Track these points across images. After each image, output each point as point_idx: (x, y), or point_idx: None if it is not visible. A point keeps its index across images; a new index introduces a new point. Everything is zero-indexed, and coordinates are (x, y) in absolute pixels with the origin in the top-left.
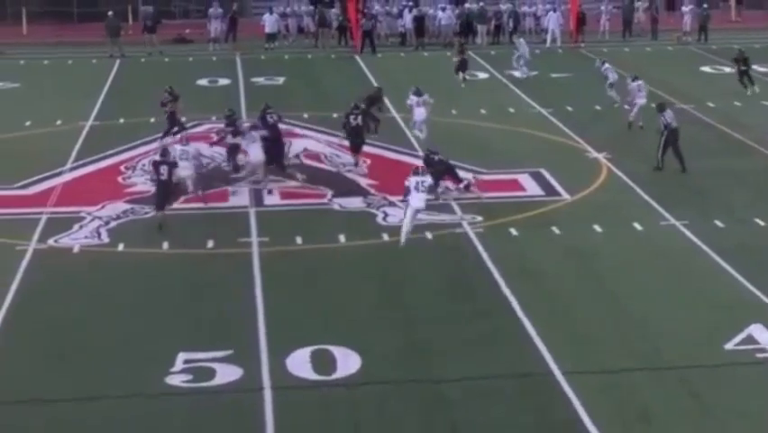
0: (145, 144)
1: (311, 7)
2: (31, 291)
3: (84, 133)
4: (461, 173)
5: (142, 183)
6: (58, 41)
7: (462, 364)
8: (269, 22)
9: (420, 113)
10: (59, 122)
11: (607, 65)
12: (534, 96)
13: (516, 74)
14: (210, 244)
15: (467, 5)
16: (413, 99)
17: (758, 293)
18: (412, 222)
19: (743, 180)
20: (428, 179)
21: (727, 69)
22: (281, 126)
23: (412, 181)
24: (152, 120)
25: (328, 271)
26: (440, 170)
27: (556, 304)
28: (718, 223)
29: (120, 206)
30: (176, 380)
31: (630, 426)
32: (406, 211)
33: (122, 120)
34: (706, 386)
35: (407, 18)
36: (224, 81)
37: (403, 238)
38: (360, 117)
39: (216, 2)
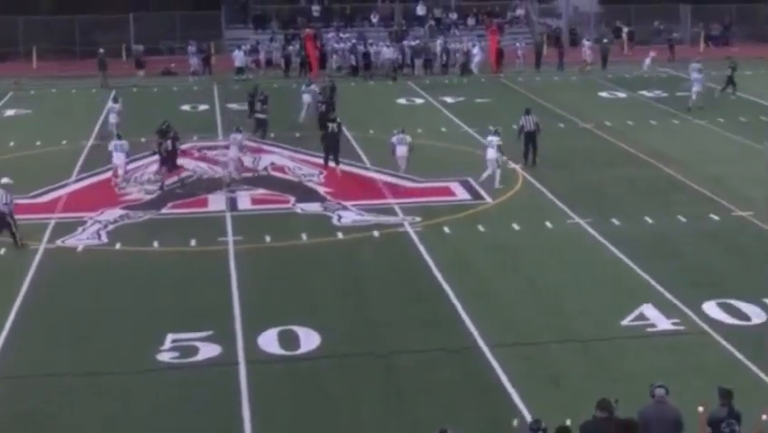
0: (136, 160)
1: (279, 44)
2: (42, 284)
3: (85, 151)
4: None
5: (136, 192)
6: (63, 74)
7: (407, 340)
8: (239, 57)
9: (401, 150)
10: (64, 142)
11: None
12: (462, 117)
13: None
14: (193, 242)
15: (405, 42)
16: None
17: (648, 279)
18: None
19: (634, 186)
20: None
21: (621, 95)
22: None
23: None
24: (143, 140)
25: (292, 264)
26: None
27: (483, 289)
28: (615, 221)
29: (116, 211)
30: (165, 357)
31: (544, 387)
32: None
33: None
34: (606, 354)
35: (358, 53)
36: (203, 107)
37: None
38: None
39: (194, 41)
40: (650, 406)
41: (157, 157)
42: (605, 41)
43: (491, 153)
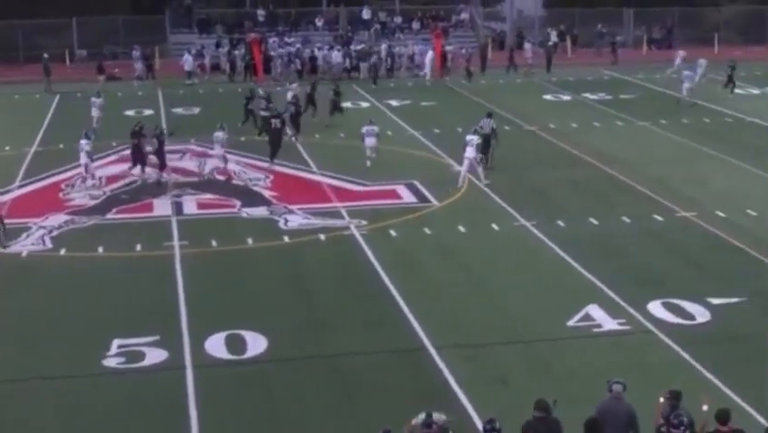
0: (81, 166)
1: (225, 49)
2: None
3: (29, 157)
4: None
5: (80, 198)
6: (6, 80)
7: (354, 342)
8: (189, 62)
9: (370, 141)
10: (7, 147)
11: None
12: (408, 121)
13: None
14: (138, 247)
15: (352, 47)
16: (365, 129)
17: (594, 279)
18: None
19: (579, 188)
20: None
21: (566, 97)
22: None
23: None
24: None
25: (239, 268)
26: None
27: (429, 291)
28: (560, 223)
29: (61, 217)
30: (112, 362)
31: (491, 388)
32: None
33: (61, 146)
34: (552, 355)
35: (304, 57)
36: (148, 111)
37: None
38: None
39: (138, 46)
40: (606, 401)
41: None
42: (549, 44)
43: (470, 152)
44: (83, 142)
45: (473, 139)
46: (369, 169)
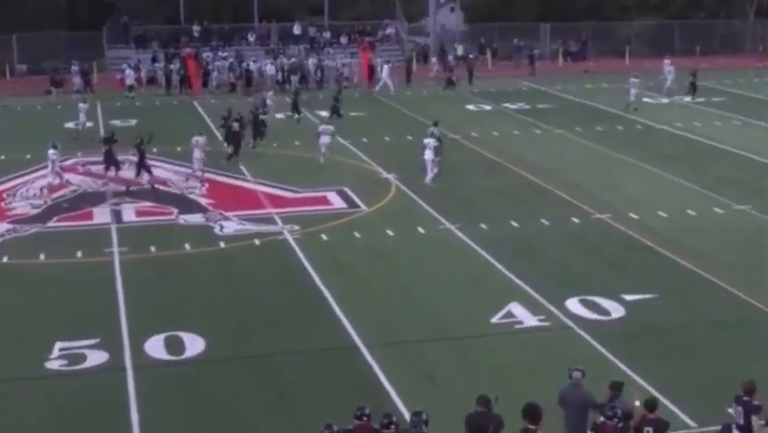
0: (23, 176)
1: (161, 63)
2: None
3: None
4: None
5: (21, 207)
6: None
7: (288, 342)
8: (130, 75)
9: (325, 139)
10: None
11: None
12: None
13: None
14: (79, 254)
15: (283, 60)
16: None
17: (515, 279)
18: None
19: (500, 192)
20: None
21: (487, 107)
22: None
23: None
24: (28, 156)
25: (177, 273)
26: None
27: (359, 292)
28: (483, 226)
29: (3, 225)
30: (54, 364)
31: (420, 384)
32: None
33: (2, 157)
34: (477, 351)
35: (238, 70)
36: (87, 124)
37: None
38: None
39: (77, 61)
40: (566, 387)
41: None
42: (470, 56)
43: (428, 154)
44: (51, 151)
45: (430, 142)
46: (321, 166)
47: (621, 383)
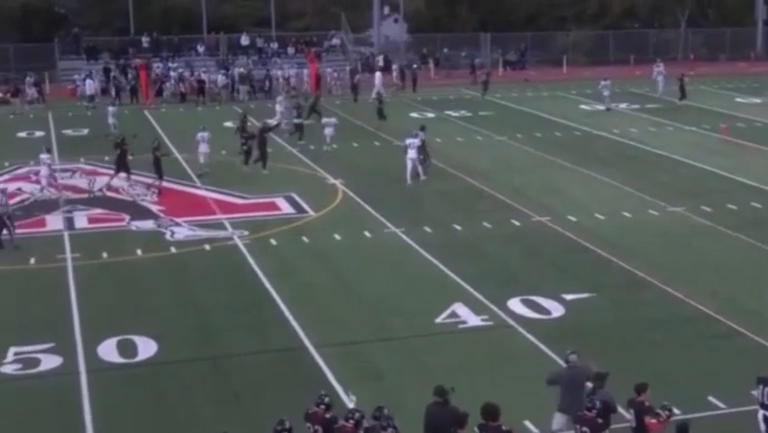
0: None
1: (112, 74)
2: None
3: None
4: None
5: None
6: None
7: (238, 344)
8: (90, 85)
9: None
10: None
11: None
12: (285, 138)
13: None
14: (32, 260)
15: (234, 69)
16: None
17: (458, 280)
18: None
19: (444, 197)
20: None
21: (430, 114)
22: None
23: None
24: None
25: (129, 278)
26: None
27: (308, 295)
28: (427, 229)
29: None
30: (8, 369)
31: (367, 383)
32: None
33: None
34: (423, 350)
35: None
36: (39, 133)
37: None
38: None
39: (32, 72)
40: (564, 371)
41: None
42: (414, 66)
43: (411, 153)
44: (44, 156)
45: (414, 142)
46: (325, 152)
47: (605, 375)
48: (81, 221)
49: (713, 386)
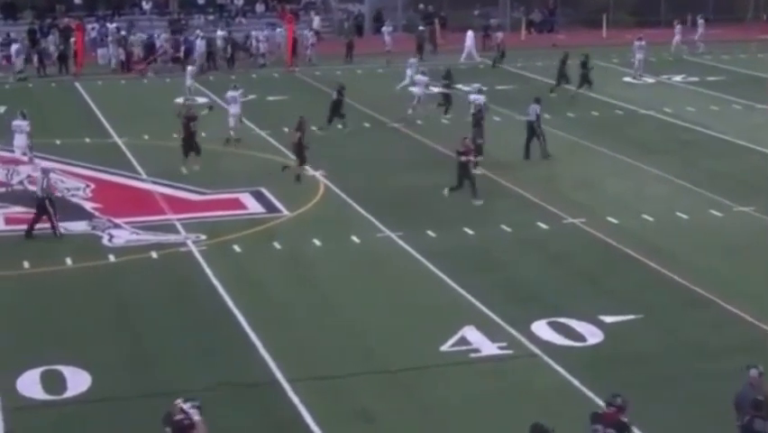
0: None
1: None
2: None
3: None
4: None
5: None
6: None
7: (191, 376)
8: (19, 52)
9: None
10: None
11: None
12: (253, 118)
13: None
14: None
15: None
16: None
17: (470, 297)
18: None
19: (452, 193)
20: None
21: (435, 89)
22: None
23: None
24: None
25: (56, 293)
26: None
27: (278, 315)
28: (430, 233)
29: None
30: None
31: (352, 425)
32: None
33: None
34: (424, 386)
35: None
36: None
37: None
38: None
39: None
40: (743, 387)
41: None
42: (420, 28)
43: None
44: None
45: (479, 98)
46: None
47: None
48: None
49: None
